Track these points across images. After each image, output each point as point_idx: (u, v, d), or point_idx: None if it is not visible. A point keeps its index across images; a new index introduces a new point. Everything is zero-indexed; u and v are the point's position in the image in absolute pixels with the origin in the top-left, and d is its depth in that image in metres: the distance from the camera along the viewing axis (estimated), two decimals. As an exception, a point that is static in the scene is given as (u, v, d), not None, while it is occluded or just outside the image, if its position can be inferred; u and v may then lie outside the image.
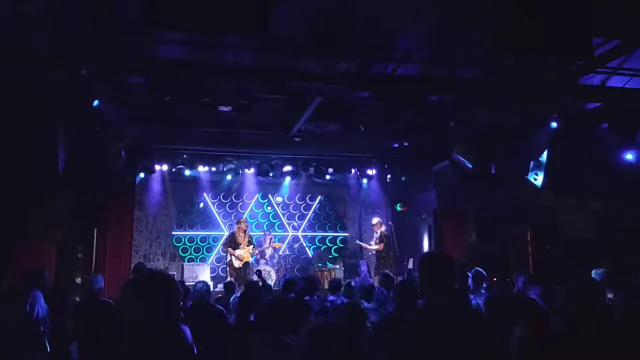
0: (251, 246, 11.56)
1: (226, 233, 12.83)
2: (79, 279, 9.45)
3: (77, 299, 8.34)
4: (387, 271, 8.69)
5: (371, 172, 12.86)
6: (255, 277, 10.93)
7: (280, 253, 13.06)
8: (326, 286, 11.11)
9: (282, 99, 9.17)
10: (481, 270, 7.47)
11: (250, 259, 11.57)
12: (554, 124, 8.78)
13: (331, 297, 6.90)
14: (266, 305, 4.32)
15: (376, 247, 11.69)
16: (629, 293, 3.95)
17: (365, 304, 6.03)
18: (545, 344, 3.45)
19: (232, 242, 11.47)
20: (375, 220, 12.20)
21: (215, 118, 9.70)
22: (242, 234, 11.54)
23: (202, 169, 12.09)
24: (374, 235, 12.09)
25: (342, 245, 14.14)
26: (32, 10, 6.03)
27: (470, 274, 7.43)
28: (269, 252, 12.23)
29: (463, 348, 2.67)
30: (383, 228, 11.91)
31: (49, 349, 5.62)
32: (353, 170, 12.79)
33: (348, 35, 6.61)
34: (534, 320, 3.98)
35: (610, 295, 4.78)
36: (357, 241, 12.97)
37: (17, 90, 6.78)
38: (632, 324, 3.61)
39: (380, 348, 2.79)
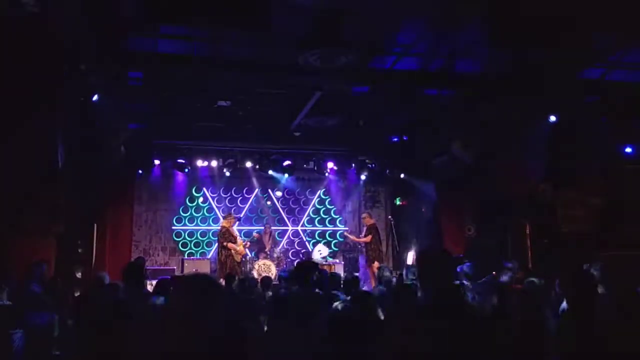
0: (242, 240, 11.57)
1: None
2: (79, 274, 9.48)
3: (77, 294, 8.38)
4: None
5: (371, 166, 12.87)
6: (254, 274, 10.99)
7: (280, 247, 13.11)
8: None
9: (282, 94, 9.18)
10: (471, 264, 7.51)
11: (247, 253, 11.55)
12: (552, 118, 8.79)
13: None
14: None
15: (365, 239, 11.75)
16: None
17: None
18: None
19: (231, 237, 11.42)
20: (363, 214, 12.32)
21: (214, 113, 9.72)
22: (233, 229, 11.54)
23: (201, 163, 12.10)
24: (363, 229, 12.14)
25: (341, 240, 14.17)
26: (31, 5, 6.02)
27: (459, 269, 7.43)
28: (267, 246, 12.26)
29: (461, 344, 2.69)
30: (372, 221, 11.97)
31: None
32: (353, 164, 12.80)
33: (347, 29, 6.62)
34: None
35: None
36: (346, 233, 13.05)
37: (16, 86, 6.78)
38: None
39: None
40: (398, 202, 13.62)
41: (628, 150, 9.15)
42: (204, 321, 2.23)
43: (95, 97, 7.75)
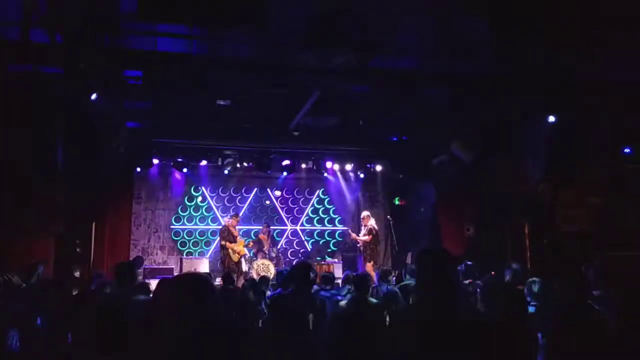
0: (243, 239, 11.70)
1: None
2: (77, 273, 9.46)
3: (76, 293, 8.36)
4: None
5: (370, 165, 12.86)
6: (253, 273, 11.01)
7: (279, 246, 13.11)
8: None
9: (281, 93, 9.16)
10: (471, 263, 7.51)
11: (246, 252, 11.67)
12: (551, 117, 8.77)
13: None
14: None
15: (364, 238, 11.77)
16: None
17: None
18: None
19: (230, 236, 11.48)
20: (364, 214, 12.31)
21: (213, 112, 9.70)
22: (234, 229, 11.62)
23: (200, 162, 12.09)
24: (362, 228, 12.15)
25: (340, 239, 14.16)
26: (29, 4, 6.01)
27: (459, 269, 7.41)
28: (266, 245, 12.26)
29: (457, 343, 2.68)
30: (372, 221, 12.00)
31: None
32: (352, 164, 12.79)
33: (347, 28, 6.60)
34: None
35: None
36: (349, 231, 13.09)
37: (15, 85, 6.76)
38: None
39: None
40: (397, 202, 13.61)
41: (628, 150, 9.13)
42: (191, 320, 2.20)
43: (94, 96, 7.72)
